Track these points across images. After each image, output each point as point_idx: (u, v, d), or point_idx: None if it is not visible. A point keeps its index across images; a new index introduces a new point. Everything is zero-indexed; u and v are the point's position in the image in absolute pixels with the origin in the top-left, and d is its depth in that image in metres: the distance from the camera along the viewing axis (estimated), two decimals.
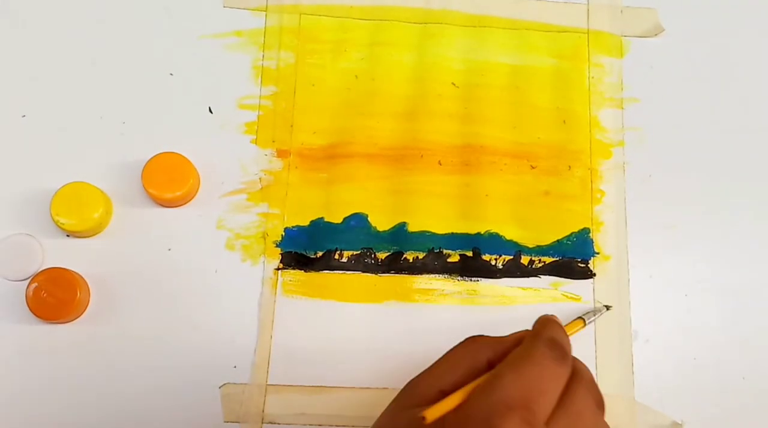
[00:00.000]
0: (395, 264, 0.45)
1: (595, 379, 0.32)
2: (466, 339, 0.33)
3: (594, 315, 0.43)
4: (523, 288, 0.45)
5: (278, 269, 0.44)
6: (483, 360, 0.32)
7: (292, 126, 0.46)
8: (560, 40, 0.49)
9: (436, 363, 0.32)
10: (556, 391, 0.29)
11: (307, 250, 0.45)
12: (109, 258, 0.44)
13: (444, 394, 0.30)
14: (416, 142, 0.46)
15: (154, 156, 0.43)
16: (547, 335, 0.31)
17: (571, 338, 0.33)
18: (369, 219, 0.45)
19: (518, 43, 0.49)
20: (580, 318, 0.41)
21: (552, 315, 0.34)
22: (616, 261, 0.46)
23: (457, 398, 0.29)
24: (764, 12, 0.50)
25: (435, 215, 0.46)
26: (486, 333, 0.43)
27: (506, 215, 0.46)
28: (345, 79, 0.47)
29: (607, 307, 0.45)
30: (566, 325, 0.37)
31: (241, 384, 0.43)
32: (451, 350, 0.33)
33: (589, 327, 0.45)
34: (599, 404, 0.31)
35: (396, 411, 0.31)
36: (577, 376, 0.31)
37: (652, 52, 0.49)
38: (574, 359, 0.32)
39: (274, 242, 0.45)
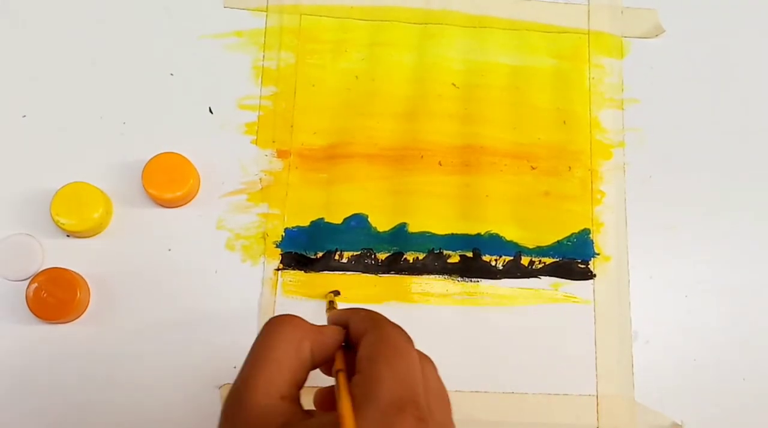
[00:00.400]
0: (395, 265, 0.45)
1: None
2: (275, 323, 0.29)
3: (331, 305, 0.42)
4: (523, 289, 0.45)
5: (278, 269, 0.44)
6: (306, 350, 0.29)
7: (292, 126, 0.46)
8: (560, 41, 0.49)
9: (256, 362, 0.28)
10: (420, 372, 0.28)
11: (307, 251, 0.45)
12: (110, 258, 0.44)
13: (287, 400, 0.27)
14: (416, 143, 0.46)
15: (155, 156, 0.43)
16: (384, 319, 0.30)
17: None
18: (369, 219, 0.45)
19: (518, 43, 0.49)
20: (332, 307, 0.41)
21: (336, 309, 0.33)
22: (617, 262, 0.46)
23: (348, 413, 0.25)
24: (764, 12, 0.50)
25: (435, 216, 0.45)
26: (487, 335, 0.43)
27: (506, 216, 0.46)
28: (345, 80, 0.47)
29: (335, 293, 0.44)
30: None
31: None
32: (267, 342, 0.28)
33: (590, 328, 0.45)
34: (408, 340, 0.29)
35: None
36: (419, 354, 0.29)
37: (653, 53, 0.49)
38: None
39: (274, 242, 0.45)
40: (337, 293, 0.44)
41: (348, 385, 0.27)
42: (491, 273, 0.45)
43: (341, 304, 0.44)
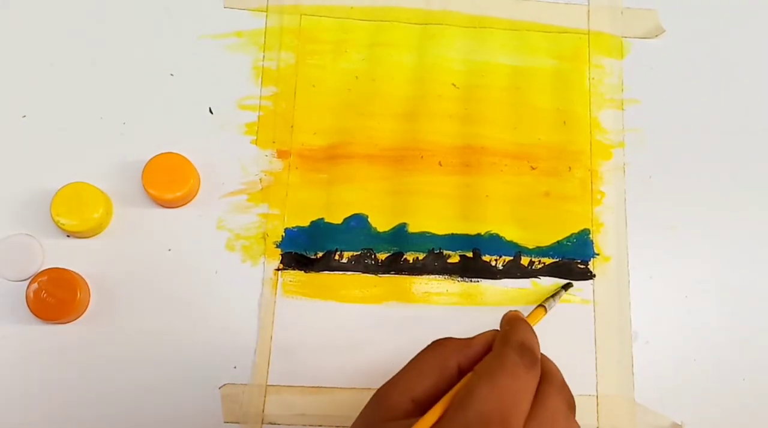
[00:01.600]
0: (395, 265, 0.45)
1: (566, 381, 0.32)
2: (434, 343, 0.32)
3: (554, 299, 0.43)
4: (523, 289, 0.45)
5: (278, 270, 0.44)
6: (453, 365, 0.31)
7: (292, 126, 0.46)
8: (560, 41, 0.49)
9: (404, 369, 0.31)
10: (529, 399, 0.29)
11: (308, 251, 0.45)
12: (110, 258, 0.44)
13: (416, 404, 0.30)
14: (416, 143, 0.46)
15: (155, 156, 0.43)
16: (516, 339, 0.31)
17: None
18: (369, 219, 0.45)
19: (518, 44, 0.49)
20: (541, 306, 0.41)
21: (516, 311, 0.34)
22: (616, 262, 0.46)
23: (434, 414, 0.28)
24: (764, 12, 0.51)
25: (435, 216, 0.46)
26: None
27: (506, 216, 0.46)
28: (345, 80, 0.47)
29: (565, 287, 0.44)
30: (528, 316, 0.37)
31: (241, 384, 0.43)
32: (419, 355, 0.32)
33: (590, 328, 0.45)
34: (570, 405, 0.31)
35: (369, 424, 0.30)
36: (548, 378, 0.31)
37: (653, 53, 0.49)
38: (544, 358, 0.32)
39: (274, 243, 0.45)
40: (567, 286, 0.45)
41: (454, 392, 0.29)
42: (491, 274, 0.45)
43: (349, 306, 0.44)
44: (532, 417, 0.29)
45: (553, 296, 0.43)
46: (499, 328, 0.33)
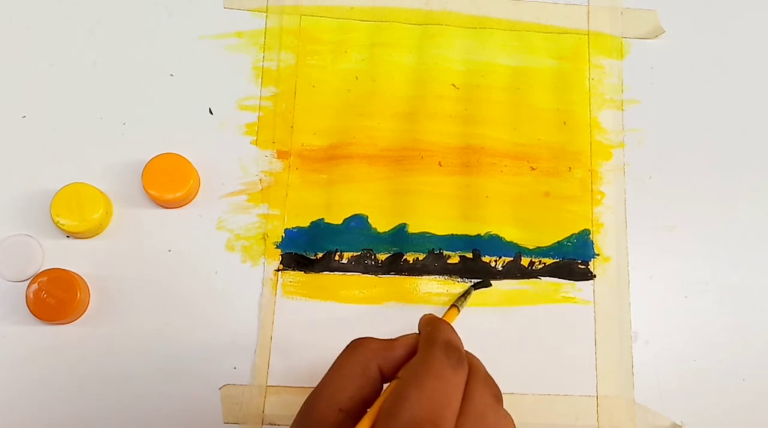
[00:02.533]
0: (395, 266, 0.45)
1: (490, 373, 0.31)
2: (351, 346, 0.32)
3: (465, 298, 0.43)
4: (523, 290, 0.45)
5: (278, 270, 0.44)
6: (374, 369, 0.31)
7: (292, 127, 0.46)
8: (560, 42, 0.49)
9: (326, 377, 0.31)
10: (458, 398, 0.29)
11: (308, 251, 0.45)
12: (110, 259, 0.44)
13: (344, 412, 0.29)
14: (416, 143, 0.46)
15: (155, 157, 0.43)
16: (441, 339, 0.30)
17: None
18: (369, 220, 0.45)
19: (518, 44, 0.49)
20: (454, 306, 0.42)
21: (431, 314, 0.34)
22: (616, 262, 0.46)
23: (365, 425, 0.28)
24: (764, 13, 0.51)
25: (435, 216, 0.45)
26: (486, 335, 0.43)
27: (506, 216, 0.46)
28: (345, 80, 0.47)
29: (475, 286, 0.44)
30: (443, 316, 0.37)
31: (241, 385, 0.43)
32: (339, 360, 0.31)
33: (590, 329, 0.45)
34: (497, 397, 0.31)
35: None
36: (473, 374, 0.30)
37: (653, 54, 0.49)
38: (467, 353, 0.31)
39: (274, 243, 0.45)
40: (478, 285, 0.44)
41: (382, 400, 0.29)
42: (491, 274, 0.45)
43: (349, 306, 0.44)
44: (462, 414, 0.28)
45: (464, 295, 0.44)
46: (418, 331, 0.33)
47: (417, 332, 0.33)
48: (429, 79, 0.47)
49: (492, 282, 0.45)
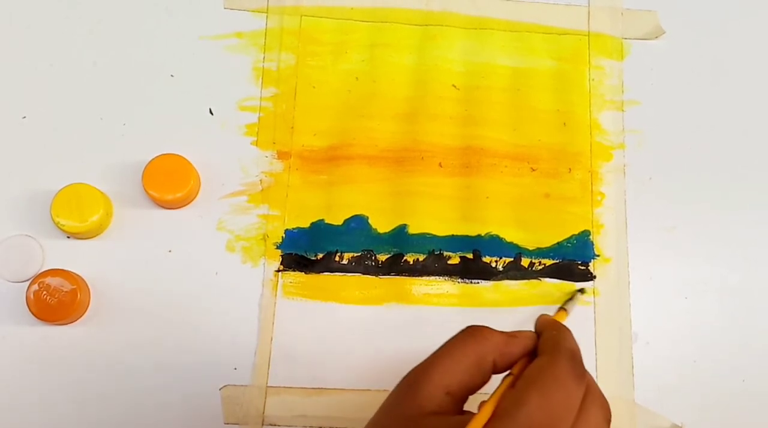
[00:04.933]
0: (395, 266, 0.45)
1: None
2: (469, 332, 0.31)
3: (573, 301, 0.44)
4: (523, 291, 0.45)
5: (278, 271, 0.44)
6: (490, 362, 0.31)
7: (292, 127, 0.46)
8: (561, 43, 0.49)
9: (437, 358, 0.30)
10: (575, 412, 0.29)
11: (308, 252, 0.45)
12: (110, 259, 0.44)
13: (451, 397, 0.29)
14: (417, 144, 0.46)
15: (155, 157, 0.43)
16: (567, 347, 0.30)
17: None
18: (369, 221, 0.45)
19: (519, 45, 0.49)
20: (562, 308, 0.42)
21: (548, 316, 0.34)
22: (617, 263, 0.46)
23: (482, 418, 0.28)
24: (764, 13, 0.51)
25: (435, 217, 0.45)
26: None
27: (506, 217, 0.46)
28: (345, 81, 0.47)
29: (581, 291, 0.45)
30: (553, 317, 0.37)
31: (242, 385, 0.43)
32: (454, 343, 0.31)
33: (590, 329, 0.45)
34: (608, 420, 0.31)
35: (400, 412, 0.29)
36: (590, 392, 0.30)
37: (653, 55, 0.49)
38: (586, 372, 0.31)
39: (274, 244, 0.45)
40: (582, 291, 0.44)
41: (501, 395, 0.29)
42: (491, 275, 0.45)
43: (349, 307, 0.44)
44: None
45: (571, 299, 0.44)
46: (534, 330, 0.33)
47: (533, 331, 0.33)
48: (429, 79, 0.47)
49: (491, 284, 0.45)
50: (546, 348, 0.31)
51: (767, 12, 0.51)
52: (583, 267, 0.46)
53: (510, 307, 0.45)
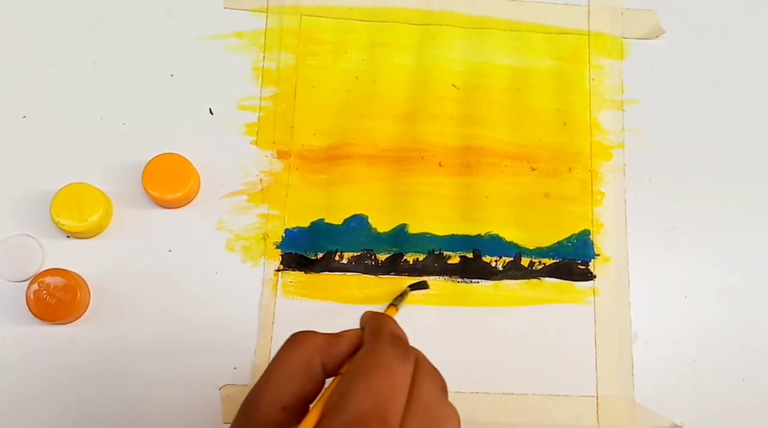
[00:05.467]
0: (395, 266, 0.45)
1: (435, 366, 0.31)
2: (292, 340, 0.31)
3: (402, 298, 0.43)
4: (523, 290, 0.45)
5: (278, 270, 0.44)
6: (317, 365, 0.30)
7: (292, 127, 0.46)
8: (561, 42, 0.49)
9: (267, 374, 0.30)
10: (405, 391, 0.28)
11: (308, 252, 0.45)
12: (110, 259, 0.44)
13: (287, 411, 0.29)
14: (417, 144, 0.46)
15: (155, 157, 0.43)
16: (387, 332, 0.30)
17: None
18: (369, 220, 0.45)
19: (519, 44, 0.49)
20: (392, 304, 0.42)
21: (371, 311, 0.33)
22: (617, 262, 0.46)
23: (310, 421, 0.27)
24: (764, 13, 0.51)
25: (435, 217, 0.45)
26: (487, 336, 0.43)
27: (506, 217, 0.46)
28: (345, 81, 0.47)
29: (412, 286, 0.44)
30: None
31: (241, 385, 0.43)
32: (281, 355, 0.30)
33: (590, 329, 0.45)
34: (443, 388, 0.30)
35: None
36: (419, 366, 0.30)
37: (653, 54, 0.49)
38: (411, 350, 0.31)
39: (274, 243, 0.45)
40: (415, 287, 0.44)
41: (329, 394, 0.28)
42: (491, 274, 0.45)
43: (349, 306, 0.44)
44: (408, 407, 0.28)
45: (401, 295, 0.43)
46: (360, 327, 0.32)
47: (359, 328, 0.32)
48: (429, 79, 0.47)
49: (491, 283, 0.45)
50: (366, 338, 0.30)
51: (767, 12, 0.51)
52: (583, 267, 0.46)
53: (510, 307, 0.45)
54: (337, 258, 0.45)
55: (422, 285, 0.44)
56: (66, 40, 0.47)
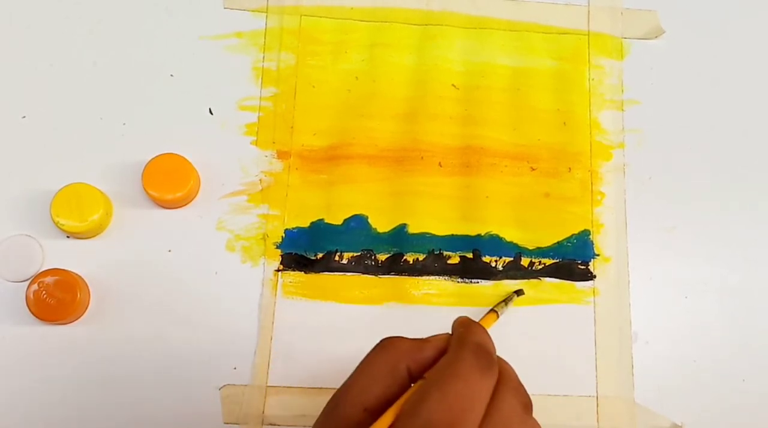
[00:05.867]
0: (395, 266, 0.45)
1: (521, 381, 0.31)
2: (381, 345, 0.31)
3: (506, 304, 0.43)
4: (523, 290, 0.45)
5: (278, 270, 0.44)
6: (403, 369, 0.30)
7: (292, 127, 0.46)
8: (561, 42, 0.49)
9: (354, 376, 0.30)
10: (483, 403, 0.28)
11: (308, 252, 0.45)
12: (109, 259, 0.44)
13: (369, 412, 0.29)
14: (416, 144, 0.46)
15: (155, 157, 0.43)
16: (472, 341, 0.30)
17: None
18: (369, 220, 0.45)
19: (518, 44, 0.49)
20: (492, 310, 0.41)
21: (467, 316, 0.33)
22: (616, 262, 0.46)
23: (384, 422, 0.28)
24: (764, 13, 0.51)
25: (435, 217, 0.45)
26: (490, 336, 0.43)
27: (506, 217, 0.46)
28: (345, 81, 0.47)
29: (518, 293, 0.44)
30: (480, 320, 0.37)
31: (242, 385, 0.43)
32: (368, 359, 0.30)
33: (590, 329, 0.45)
34: (526, 407, 0.30)
35: None
36: (503, 380, 0.30)
37: (653, 54, 0.49)
38: (500, 360, 0.31)
39: (274, 243, 0.45)
40: (519, 292, 0.44)
41: (406, 398, 0.28)
42: (491, 274, 0.45)
43: (349, 306, 0.44)
44: (485, 421, 0.28)
45: (504, 301, 0.44)
46: (451, 332, 0.32)
47: (449, 333, 0.32)
48: (429, 79, 0.47)
49: (491, 283, 0.45)
50: (452, 346, 0.30)
51: (767, 12, 0.51)
52: (583, 267, 0.46)
53: (510, 307, 0.45)
54: (337, 258, 0.45)
55: (520, 293, 0.44)
56: (66, 40, 0.47)
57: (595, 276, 0.46)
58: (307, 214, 0.45)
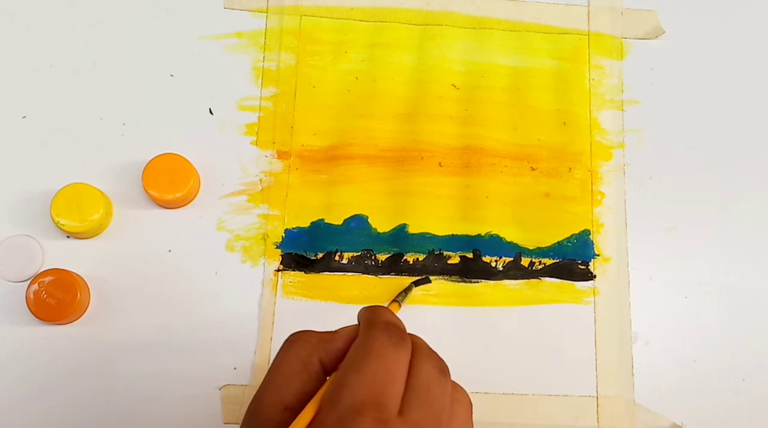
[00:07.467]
0: (395, 266, 0.45)
1: (435, 351, 0.31)
2: (289, 340, 0.31)
3: (405, 294, 0.43)
4: (523, 290, 0.45)
5: (278, 270, 0.44)
6: (316, 363, 0.30)
7: (292, 127, 0.46)
8: (561, 42, 0.49)
9: (268, 376, 0.30)
10: (402, 376, 0.28)
11: (308, 252, 0.45)
12: (110, 259, 0.44)
13: (290, 411, 0.29)
14: (416, 144, 0.46)
15: (155, 157, 0.43)
16: (380, 320, 0.30)
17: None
18: (369, 220, 0.45)
19: (519, 44, 0.49)
20: (394, 300, 0.41)
21: (369, 305, 0.33)
22: (617, 263, 0.46)
23: (306, 416, 0.27)
24: (764, 13, 0.51)
25: (435, 217, 0.46)
26: (487, 336, 0.43)
27: (506, 217, 0.46)
28: (345, 81, 0.47)
29: (417, 283, 0.44)
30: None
31: (242, 385, 0.43)
32: (278, 357, 0.30)
33: (590, 329, 0.45)
34: (442, 370, 0.30)
35: None
36: (417, 352, 0.30)
37: (653, 54, 0.49)
38: (409, 334, 0.31)
39: (274, 243, 0.45)
40: (419, 282, 0.44)
41: (324, 388, 0.28)
42: (491, 274, 0.45)
43: (349, 307, 0.44)
44: (407, 391, 0.28)
45: (404, 291, 0.43)
46: (357, 323, 0.32)
47: (356, 324, 0.32)
48: (429, 79, 0.47)
49: (491, 283, 0.45)
50: (362, 329, 0.30)
51: (767, 12, 0.51)
52: (583, 267, 0.46)
53: (510, 307, 0.45)
54: (337, 258, 0.45)
55: (425, 280, 0.44)
56: (66, 40, 0.47)
57: (595, 277, 0.46)
58: (307, 214, 0.45)
